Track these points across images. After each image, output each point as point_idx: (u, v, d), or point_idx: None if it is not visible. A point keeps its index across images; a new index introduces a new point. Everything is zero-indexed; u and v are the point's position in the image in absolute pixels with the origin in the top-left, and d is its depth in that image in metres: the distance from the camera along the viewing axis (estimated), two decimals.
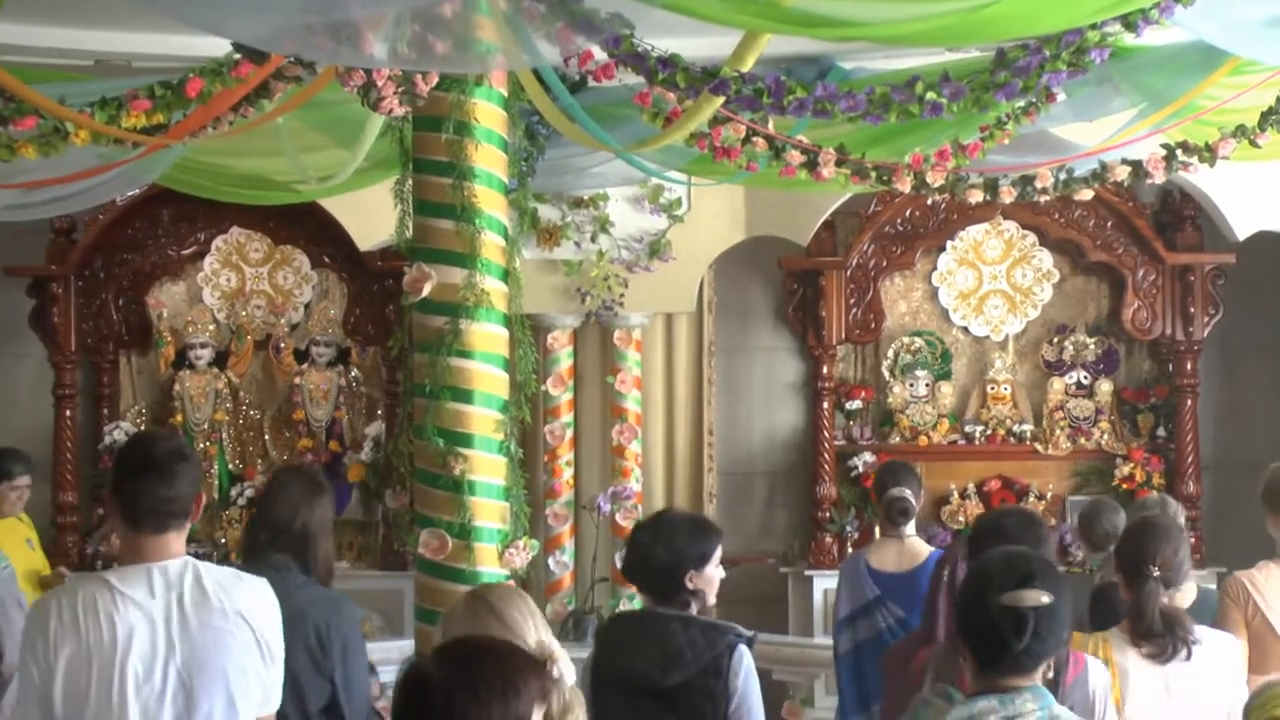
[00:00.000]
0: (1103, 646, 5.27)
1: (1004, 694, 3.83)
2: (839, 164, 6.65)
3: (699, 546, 5.48)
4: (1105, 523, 7.91)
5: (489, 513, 6.58)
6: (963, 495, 11.29)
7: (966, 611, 3.94)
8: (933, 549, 7.85)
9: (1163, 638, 5.28)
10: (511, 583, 5.44)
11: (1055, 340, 11.53)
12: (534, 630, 4.26)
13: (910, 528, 7.78)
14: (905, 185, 6.83)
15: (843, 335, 11.32)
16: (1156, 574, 5.34)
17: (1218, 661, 5.36)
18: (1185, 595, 5.86)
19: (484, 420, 6.57)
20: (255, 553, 5.74)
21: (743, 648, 5.35)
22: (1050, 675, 4.01)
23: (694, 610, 5.45)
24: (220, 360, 11.67)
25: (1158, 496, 8.45)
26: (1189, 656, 5.27)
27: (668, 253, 10.65)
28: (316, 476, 6.18)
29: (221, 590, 4.53)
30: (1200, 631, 5.37)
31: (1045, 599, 3.80)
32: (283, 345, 11.71)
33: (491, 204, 6.60)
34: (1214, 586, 7.72)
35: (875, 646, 7.41)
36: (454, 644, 3.37)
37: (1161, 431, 11.32)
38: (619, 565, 5.87)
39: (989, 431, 11.40)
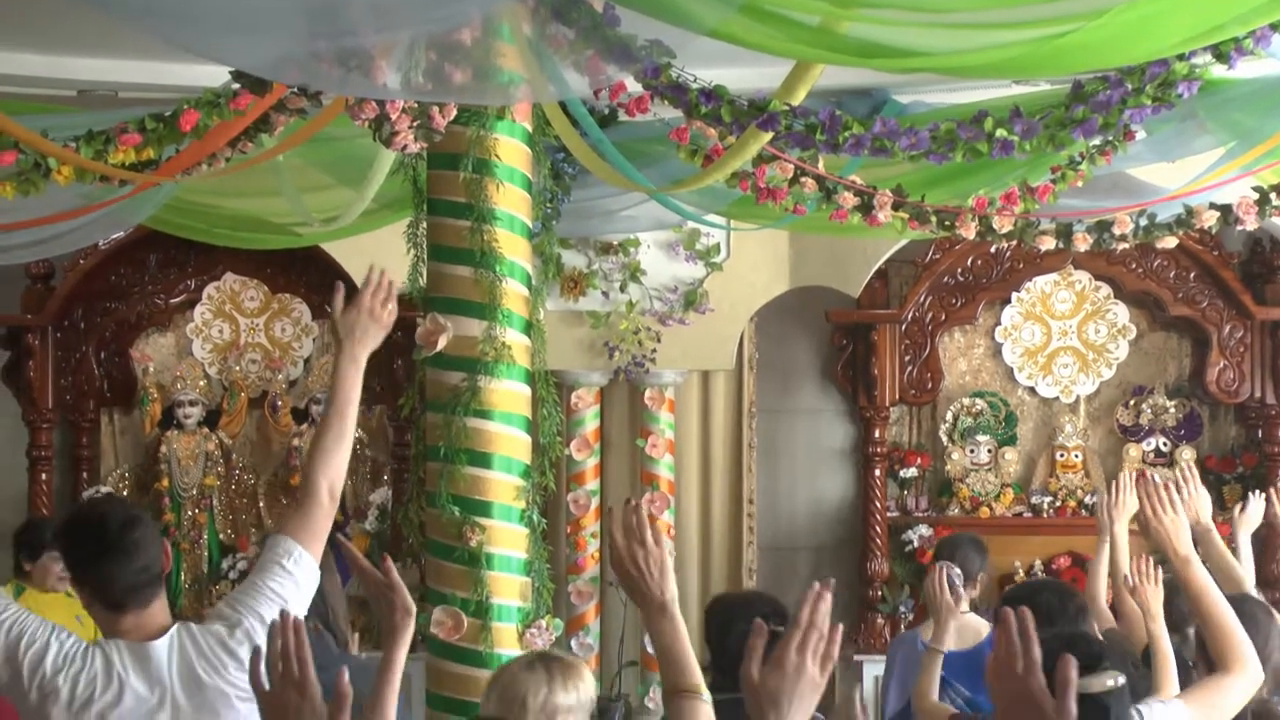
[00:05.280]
0: None
1: None
2: (896, 207, 6.64)
3: None
4: (1184, 601, 7.84)
5: (508, 589, 6.58)
6: (1029, 573, 11.21)
7: None
8: (994, 626, 7.80)
9: None
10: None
11: (1132, 403, 11.47)
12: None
13: (961, 604, 7.74)
14: (969, 231, 6.81)
15: (896, 396, 11.29)
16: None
17: None
18: None
19: (503, 487, 6.57)
20: None
21: None
22: None
23: None
24: (211, 419, 11.64)
25: None
26: None
27: (704, 304, 10.64)
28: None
29: (213, 665, 4.67)
30: None
31: (1118, 680, 3.78)
32: (280, 403, 11.69)
33: (514, 249, 6.61)
34: None
35: None
36: None
37: None
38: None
39: (1058, 503, 11.33)
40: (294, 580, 4.80)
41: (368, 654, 10.73)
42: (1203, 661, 5.61)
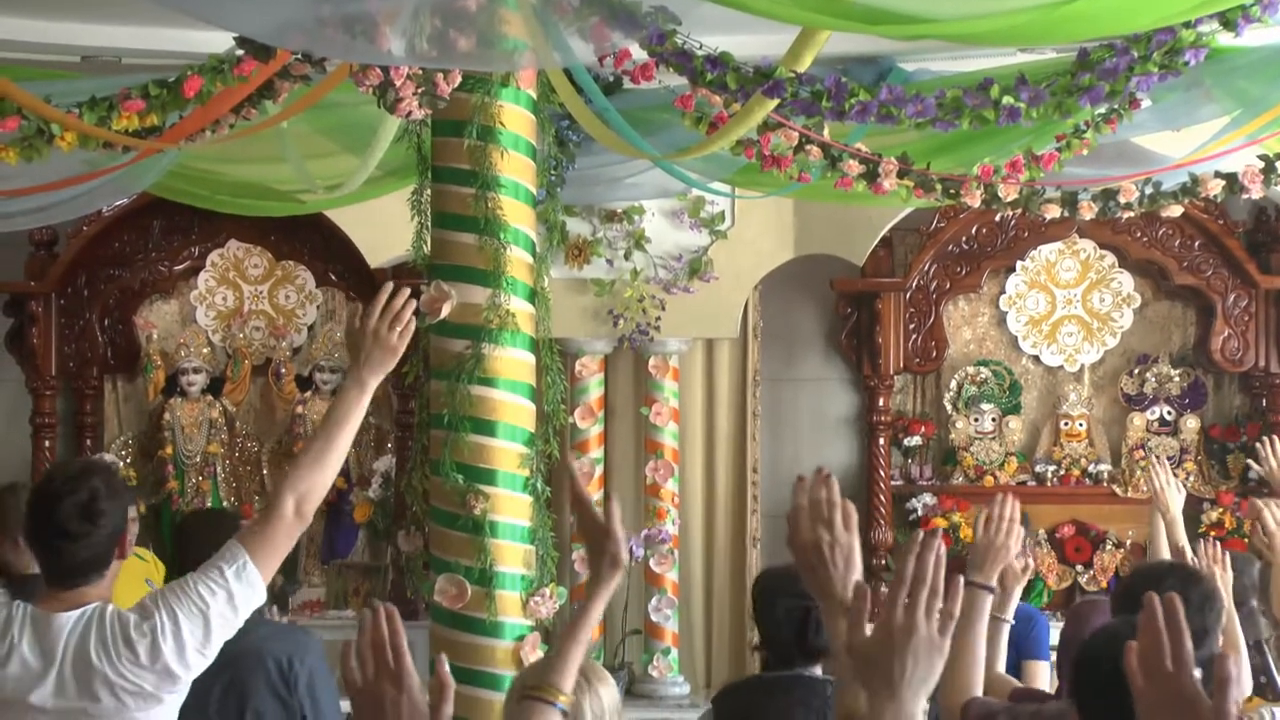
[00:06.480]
0: None
1: None
2: (901, 175, 6.63)
3: None
4: (1245, 576, 7.76)
5: (512, 557, 6.57)
6: (1033, 542, 11.22)
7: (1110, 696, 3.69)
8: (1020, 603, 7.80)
9: None
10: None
11: (1136, 372, 11.46)
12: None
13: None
14: (975, 199, 6.80)
15: (901, 364, 11.27)
16: None
17: None
18: None
19: (507, 455, 6.56)
20: None
21: None
22: None
23: None
24: (215, 387, 11.63)
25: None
26: None
27: (709, 272, 10.62)
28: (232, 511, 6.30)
29: (109, 650, 4.65)
30: None
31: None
32: (284, 371, 11.68)
33: (518, 217, 6.59)
34: None
35: None
36: None
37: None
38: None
39: (1062, 472, 11.33)
40: (226, 591, 4.70)
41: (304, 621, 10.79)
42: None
